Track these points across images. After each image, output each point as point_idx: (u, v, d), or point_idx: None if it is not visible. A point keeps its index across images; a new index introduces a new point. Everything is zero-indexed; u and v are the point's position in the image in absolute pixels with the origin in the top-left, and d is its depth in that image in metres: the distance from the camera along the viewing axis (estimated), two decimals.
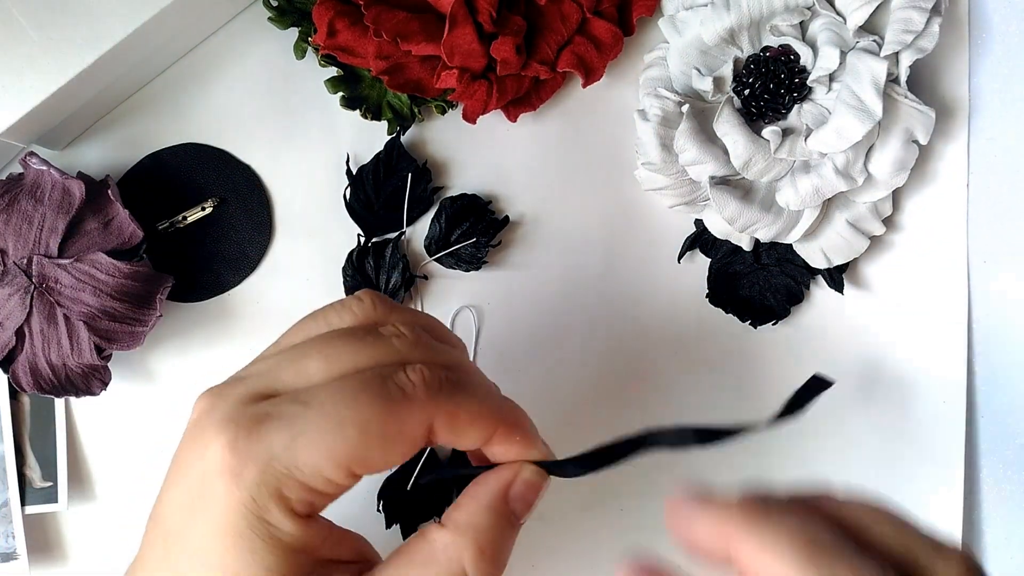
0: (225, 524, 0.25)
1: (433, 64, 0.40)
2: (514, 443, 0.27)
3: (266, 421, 0.25)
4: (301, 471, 0.25)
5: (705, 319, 0.43)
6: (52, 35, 0.38)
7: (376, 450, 0.25)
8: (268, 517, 0.25)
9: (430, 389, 0.26)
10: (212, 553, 0.25)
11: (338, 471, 0.25)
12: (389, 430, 0.25)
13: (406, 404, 0.25)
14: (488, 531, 0.26)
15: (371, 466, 0.26)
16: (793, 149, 0.39)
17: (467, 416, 0.26)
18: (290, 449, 0.25)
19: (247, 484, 0.25)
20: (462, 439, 0.27)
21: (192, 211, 0.43)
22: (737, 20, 0.38)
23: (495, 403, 0.27)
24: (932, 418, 0.42)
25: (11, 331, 0.40)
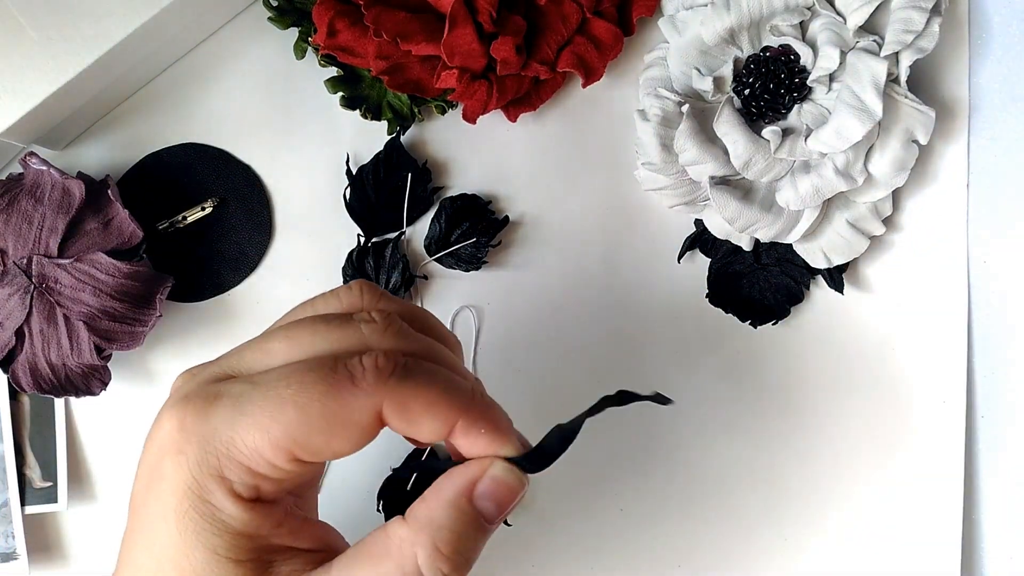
0: (172, 504, 0.25)
1: (433, 64, 0.40)
2: (479, 436, 0.26)
3: (215, 400, 0.25)
4: (240, 451, 0.24)
5: (705, 319, 0.43)
6: (52, 35, 0.38)
7: (318, 434, 0.24)
8: (211, 499, 0.25)
9: (380, 375, 0.25)
10: (160, 532, 0.25)
11: (277, 453, 0.24)
12: (330, 414, 0.24)
13: (349, 388, 0.24)
14: (446, 529, 0.25)
15: (313, 451, 0.25)
16: (793, 149, 0.39)
17: (420, 405, 0.25)
18: (230, 428, 0.24)
19: (189, 463, 0.25)
20: (417, 429, 0.25)
21: (192, 211, 0.43)
22: (737, 20, 0.38)
23: (456, 394, 0.26)
24: (932, 418, 0.42)
25: (11, 331, 0.40)
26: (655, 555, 0.43)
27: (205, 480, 0.25)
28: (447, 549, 0.25)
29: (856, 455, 0.43)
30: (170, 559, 0.25)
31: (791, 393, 0.43)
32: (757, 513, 0.43)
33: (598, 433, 0.44)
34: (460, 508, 0.25)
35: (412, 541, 0.25)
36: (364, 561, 0.25)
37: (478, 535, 0.26)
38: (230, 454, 0.24)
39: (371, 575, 0.25)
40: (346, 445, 0.25)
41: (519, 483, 0.26)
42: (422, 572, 0.25)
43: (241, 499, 0.25)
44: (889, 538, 0.43)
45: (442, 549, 0.25)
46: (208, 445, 0.25)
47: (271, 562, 0.26)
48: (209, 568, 0.25)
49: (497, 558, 0.43)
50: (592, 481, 0.43)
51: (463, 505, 0.25)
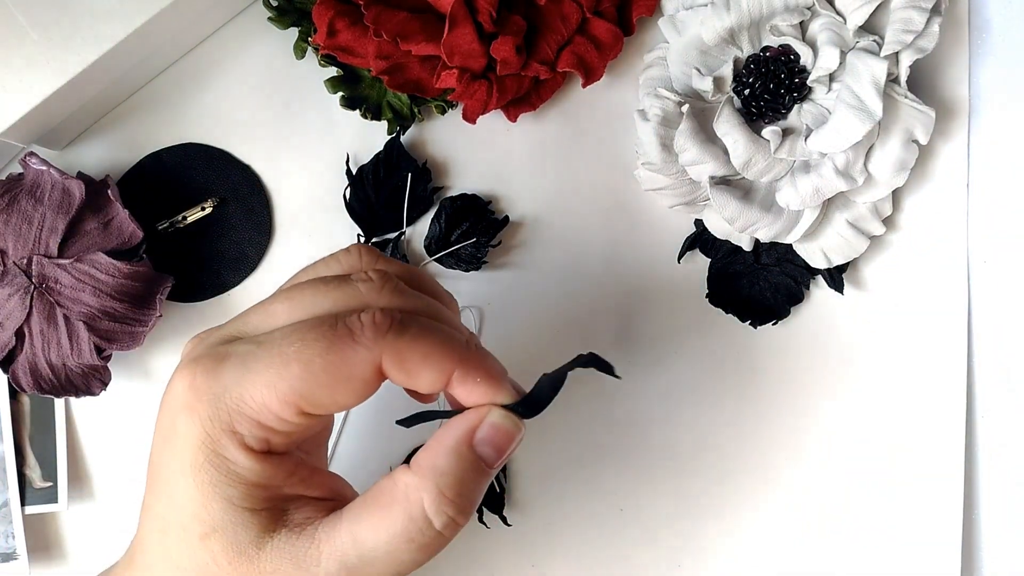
0: (188, 459, 0.26)
1: (433, 64, 0.40)
2: (475, 385, 0.27)
3: (224, 360, 0.26)
4: (249, 406, 0.26)
5: (705, 319, 0.43)
6: (52, 35, 0.38)
7: (321, 388, 0.26)
8: (223, 452, 0.26)
9: (379, 330, 0.26)
10: (178, 487, 0.26)
11: (284, 407, 0.26)
12: (333, 368, 0.25)
13: (350, 344, 0.26)
14: (449, 474, 0.26)
15: (318, 404, 0.26)
16: (793, 149, 0.39)
17: (417, 357, 0.26)
18: (239, 385, 0.26)
19: (201, 419, 0.26)
20: (416, 380, 0.27)
21: (192, 211, 0.43)
22: (737, 20, 0.38)
23: (451, 346, 0.27)
24: (932, 418, 0.42)
25: (11, 331, 0.40)
26: (655, 555, 0.43)
27: (217, 435, 0.26)
28: (451, 493, 0.26)
29: (856, 455, 0.43)
30: (190, 511, 0.26)
31: (791, 393, 0.43)
32: (757, 513, 0.43)
33: (598, 433, 0.44)
34: (461, 454, 0.27)
35: (417, 487, 0.26)
36: (373, 508, 0.26)
37: (479, 479, 0.27)
38: (240, 409, 0.26)
39: (381, 521, 0.26)
40: (349, 398, 0.26)
41: (516, 428, 0.28)
42: (428, 516, 0.26)
43: (252, 451, 0.26)
44: (889, 538, 0.43)
45: (446, 493, 0.26)
46: (218, 402, 0.26)
47: (285, 510, 0.27)
48: (227, 517, 0.26)
49: (497, 558, 0.43)
50: (592, 481, 0.43)
51: (464, 451, 0.27)
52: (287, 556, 0.26)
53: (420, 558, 0.26)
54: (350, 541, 0.26)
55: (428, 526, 0.26)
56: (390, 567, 0.26)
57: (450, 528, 0.26)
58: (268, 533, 0.26)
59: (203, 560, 0.26)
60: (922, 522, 0.42)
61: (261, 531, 0.26)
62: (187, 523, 0.26)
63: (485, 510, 0.43)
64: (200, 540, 0.26)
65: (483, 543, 0.43)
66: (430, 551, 0.27)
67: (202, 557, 0.26)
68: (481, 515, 0.43)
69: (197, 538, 0.26)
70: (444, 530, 0.26)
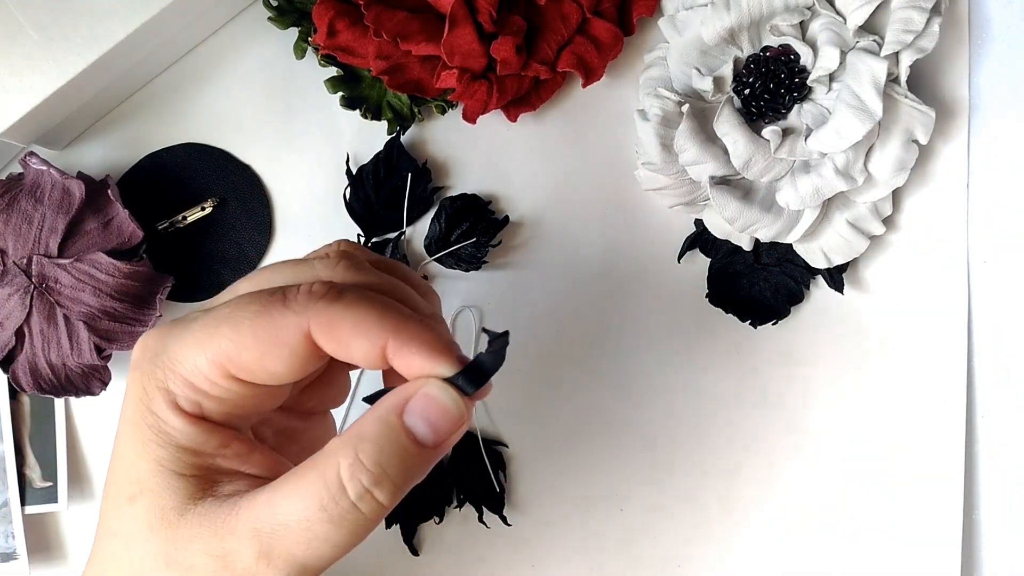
0: (127, 415, 0.26)
1: (433, 64, 0.40)
2: (413, 357, 0.25)
3: (175, 324, 0.27)
4: (183, 366, 0.26)
5: (705, 319, 0.43)
6: (52, 35, 0.38)
7: (248, 351, 0.25)
8: (156, 409, 0.26)
9: (312, 297, 0.25)
10: (118, 446, 0.27)
11: (213, 369, 0.25)
12: (260, 331, 0.25)
13: (279, 308, 0.25)
14: (369, 441, 0.25)
15: (246, 368, 0.25)
16: (793, 149, 0.39)
17: (347, 325, 0.25)
18: (176, 343, 0.26)
19: (142, 376, 0.26)
20: (348, 350, 0.26)
21: (192, 211, 0.43)
22: (737, 20, 0.38)
23: (387, 315, 0.26)
24: (932, 418, 0.42)
25: (11, 331, 0.40)
26: (655, 555, 0.43)
27: (152, 392, 0.26)
28: (368, 461, 0.25)
29: (856, 455, 0.43)
30: (124, 471, 0.26)
31: (791, 393, 0.43)
32: (757, 513, 0.43)
33: (598, 433, 0.44)
34: (387, 423, 0.25)
35: (335, 451, 0.25)
36: (295, 475, 0.25)
37: (405, 453, 0.25)
38: (174, 368, 0.26)
39: (296, 486, 0.25)
40: (278, 365, 0.26)
41: (453, 404, 0.26)
42: (343, 482, 0.25)
43: (184, 413, 0.26)
44: (889, 538, 0.43)
45: (363, 460, 0.25)
46: (156, 359, 0.26)
47: (216, 481, 0.26)
48: (154, 479, 0.26)
49: (497, 558, 0.43)
50: (592, 481, 0.43)
51: (391, 420, 0.25)
52: (206, 523, 0.25)
53: (335, 535, 0.25)
54: (266, 507, 0.25)
55: (341, 494, 0.24)
56: (302, 537, 0.24)
57: (366, 502, 0.25)
58: (193, 500, 0.26)
59: (129, 524, 0.26)
60: (922, 522, 0.42)
61: (186, 497, 0.26)
62: (121, 483, 0.26)
63: (485, 510, 0.43)
64: (129, 502, 0.26)
65: (483, 543, 0.43)
66: (345, 527, 0.25)
67: (128, 520, 0.26)
68: (481, 515, 0.43)
69: (127, 499, 0.26)
70: (359, 502, 0.25)
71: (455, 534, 0.43)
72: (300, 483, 0.25)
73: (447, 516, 0.43)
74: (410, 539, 0.43)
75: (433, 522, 0.43)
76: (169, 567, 0.25)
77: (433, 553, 0.44)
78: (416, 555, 0.43)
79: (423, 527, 0.43)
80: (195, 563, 0.25)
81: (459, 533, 0.43)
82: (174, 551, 0.25)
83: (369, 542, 0.30)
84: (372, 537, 0.35)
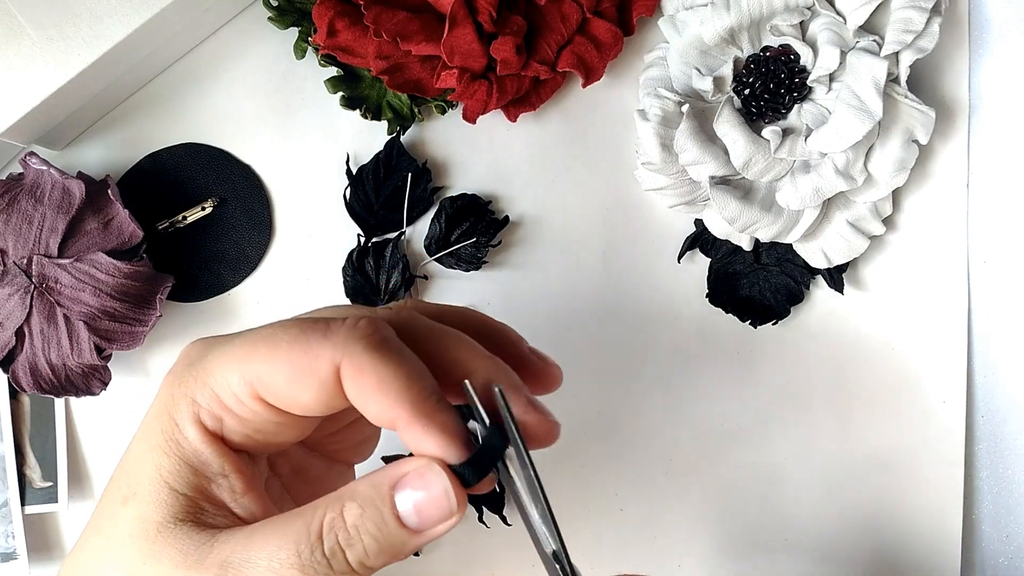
0: (149, 417, 0.26)
1: (433, 64, 0.40)
2: (423, 435, 0.24)
3: (221, 337, 0.27)
4: (214, 378, 0.25)
5: (705, 319, 0.43)
6: (52, 35, 0.38)
7: (280, 375, 0.25)
8: (176, 416, 0.26)
9: (352, 334, 0.25)
10: (137, 439, 0.27)
11: (242, 386, 0.25)
12: (295, 357, 0.25)
13: (318, 337, 0.25)
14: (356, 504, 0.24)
15: (273, 391, 0.25)
16: (793, 149, 0.39)
17: (372, 378, 0.24)
18: (214, 355, 0.26)
19: (172, 381, 0.26)
20: (366, 404, 0.25)
21: (192, 211, 0.43)
22: (737, 20, 0.38)
23: (412, 385, 0.24)
24: (932, 418, 0.42)
25: (11, 331, 0.40)
26: (655, 555, 0.43)
27: (179, 398, 0.26)
28: (349, 521, 0.24)
29: (856, 455, 0.43)
30: (126, 471, 0.26)
31: (791, 393, 0.43)
32: (757, 513, 0.43)
33: (598, 433, 0.44)
34: (378, 490, 0.25)
35: (328, 504, 0.25)
36: (282, 518, 0.25)
37: (385, 528, 0.24)
38: (206, 379, 0.26)
39: (281, 526, 0.24)
40: (304, 394, 0.25)
41: (446, 496, 0.24)
42: (322, 534, 0.24)
43: (202, 427, 0.26)
44: (889, 538, 0.43)
45: (345, 518, 0.24)
46: (193, 368, 0.26)
47: (202, 508, 0.26)
48: (148, 486, 0.26)
49: (497, 558, 0.43)
50: (592, 481, 0.43)
51: (383, 490, 0.25)
52: (178, 547, 0.25)
53: None
54: (243, 544, 0.24)
55: (317, 544, 0.24)
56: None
57: (338, 560, 0.24)
58: (176, 520, 0.25)
59: (116, 526, 0.26)
60: (922, 522, 0.42)
61: (171, 515, 0.25)
62: (119, 484, 0.26)
63: (485, 510, 0.43)
64: (122, 504, 0.26)
65: (483, 543, 0.43)
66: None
67: (118, 524, 0.26)
68: (481, 515, 0.43)
69: (120, 501, 0.26)
70: (331, 558, 0.24)
71: (455, 534, 0.43)
72: (284, 526, 0.24)
73: None
74: None
75: None
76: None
77: (433, 553, 0.44)
78: (416, 555, 0.43)
79: None
80: None
81: (459, 533, 0.43)
82: (142, 565, 0.25)
83: None
84: None
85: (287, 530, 0.24)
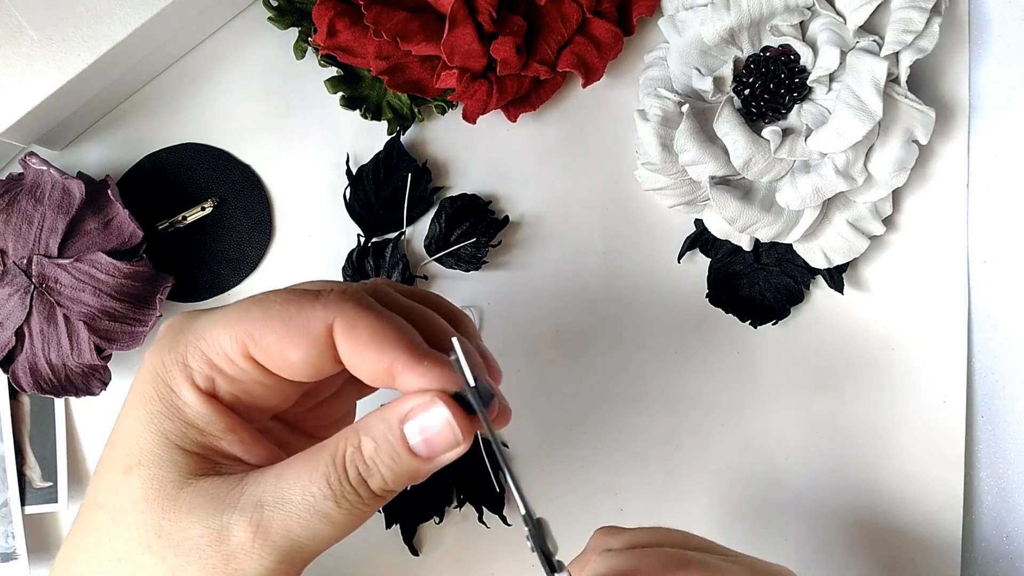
0: (140, 387, 0.27)
1: (433, 64, 0.40)
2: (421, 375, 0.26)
3: (207, 310, 0.27)
4: (205, 342, 0.26)
5: (705, 319, 0.43)
6: (52, 35, 0.38)
7: (272, 333, 0.26)
8: (171, 382, 0.26)
9: (341, 296, 0.26)
10: (122, 419, 0.27)
11: (233, 345, 0.26)
12: (287, 317, 0.26)
13: (310, 300, 0.26)
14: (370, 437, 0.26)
15: (267, 352, 0.26)
16: (793, 149, 0.39)
17: (366, 331, 0.26)
18: (204, 321, 0.27)
19: (162, 350, 0.27)
20: (361, 357, 0.26)
21: (192, 211, 0.43)
22: (737, 20, 0.38)
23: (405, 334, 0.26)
24: (932, 418, 0.42)
25: (11, 331, 0.40)
26: None
27: (171, 365, 0.26)
28: (366, 454, 0.26)
29: (857, 455, 0.43)
30: (123, 442, 0.26)
31: (791, 393, 0.43)
32: (758, 513, 0.43)
33: (598, 433, 0.44)
34: (389, 424, 0.26)
35: (347, 437, 0.26)
36: (308, 453, 0.26)
37: (398, 458, 0.26)
38: (196, 343, 0.26)
39: (307, 462, 0.26)
40: (296, 353, 0.26)
41: (448, 425, 0.26)
42: (346, 464, 0.26)
43: (198, 389, 0.26)
44: (890, 538, 0.43)
45: (363, 451, 0.26)
46: (181, 335, 0.27)
47: (218, 463, 0.27)
48: (156, 450, 0.26)
49: (497, 558, 0.43)
50: (592, 481, 0.43)
51: (393, 424, 0.26)
52: (207, 497, 0.25)
53: (334, 513, 0.25)
54: (273, 481, 0.25)
55: (344, 475, 0.25)
56: (303, 513, 0.25)
57: (363, 488, 0.26)
58: (194, 475, 0.26)
59: (122, 496, 0.26)
60: (922, 522, 0.42)
61: (187, 471, 0.26)
62: (117, 455, 0.26)
63: (485, 510, 0.43)
64: (123, 473, 0.26)
65: (483, 543, 0.43)
66: (344, 507, 0.25)
67: (122, 493, 0.26)
68: (481, 515, 0.43)
69: (121, 471, 0.26)
70: (357, 487, 0.25)
71: (455, 534, 0.43)
72: (311, 460, 0.26)
73: (447, 516, 0.43)
74: (410, 539, 0.43)
75: (433, 522, 0.43)
76: (159, 538, 0.25)
77: (433, 553, 0.44)
78: (416, 555, 0.43)
79: (423, 527, 0.43)
80: (187, 536, 0.25)
81: (459, 533, 0.43)
82: (167, 523, 0.25)
83: (369, 542, 0.30)
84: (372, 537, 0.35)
85: (314, 464, 0.26)
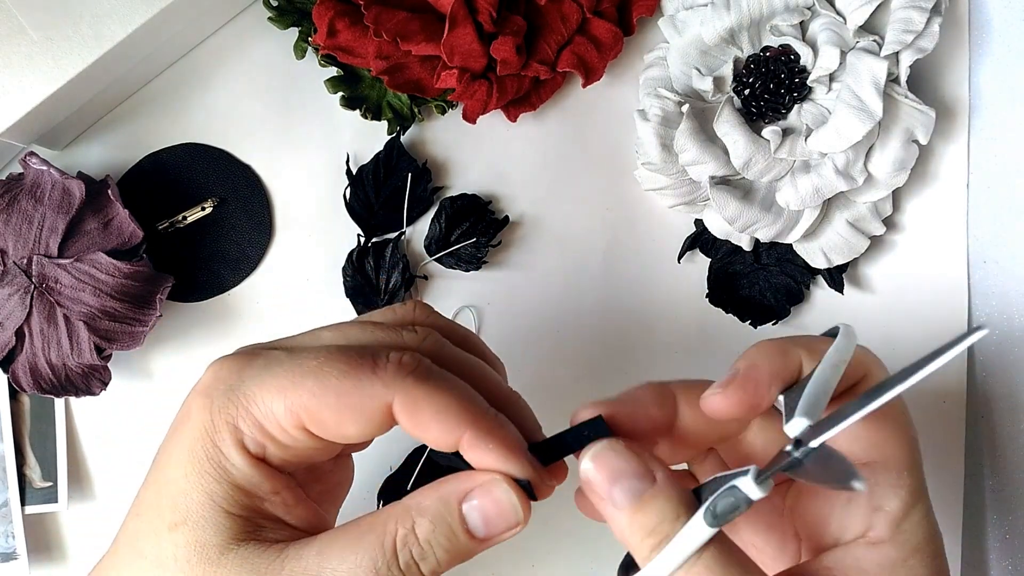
0: (188, 443, 0.26)
1: (433, 64, 0.40)
2: (487, 452, 0.26)
3: (254, 358, 0.27)
4: (256, 407, 0.26)
5: (705, 319, 0.43)
6: (52, 35, 0.38)
7: (328, 408, 0.25)
8: (220, 444, 0.26)
9: (401, 370, 0.26)
10: (168, 471, 0.27)
11: (288, 418, 0.26)
12: (344, 393, 0.25)
13: (368, 374, 0.25)
14: (427, 519, 0.26)
15: (321, 424, 0.26)
16: (793, 149, 0.39)
17: (430, 410, 0.25)
18: (255, 382, 0.26)
19: (212, 407, 0.26)
20: (425, 433, 0.26)
21: (192, 211, 0.43)
22: (737, 20, 0.38)
23: (469, 407, 0.26)
24: (932, 418, 0.42)
25: (11, 331, 0.40)
26: None
27: (221, 425, 0.26)
28: (422, 536, 0.25)
29: None
30: (169, 497, 0.26)
31: None
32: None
33: None
34: (447, 504, 0.26)
35: (397, 518, 0.26)
36: (350, 531, 0.26)
37: (455, 539, 0.26)
38: (248, 407, 0.26)
39: (354, 543, 0.25)
40: (352, 428, 0.26)
41: (512, 508, 0.26)
42: (396, 549, 0.25)
43: (247, 453, 0.26)
44: None
45: (418, 533, 0.25)
46: (232, 394, 0.26)
47: (260, 526, 0.27)
48: (201, 511, 0.26)
49: (497, 558, 0.43)
50: None
51: (451, 504, 0.26)
52: (248, 566, 0.25)
53: None
54: (316, 559, 0.25)
55: (394, 561, 0.25)
56: None
57: (411, 572, 0.25)
58: (236, 541, 0.26)
59: (165, 552, 0.26)
60: None
61: (230, 537, 0.26)
62: (162, 509, 0.26)
63: None
64: (168, 530, 0.26)
65: None
66: None
67: (165, 548, 0.26)
68: None
69: (166, 527, 0.26)
70: (407, 571, 0.25)
71: None
72: (358, 542, 0.25)
73: None
74: None
75: None
76: None
77: None
78: None
79: None
80: None
81: None
82: None
83: None
84: None
85: (361, 545, 0.25)
